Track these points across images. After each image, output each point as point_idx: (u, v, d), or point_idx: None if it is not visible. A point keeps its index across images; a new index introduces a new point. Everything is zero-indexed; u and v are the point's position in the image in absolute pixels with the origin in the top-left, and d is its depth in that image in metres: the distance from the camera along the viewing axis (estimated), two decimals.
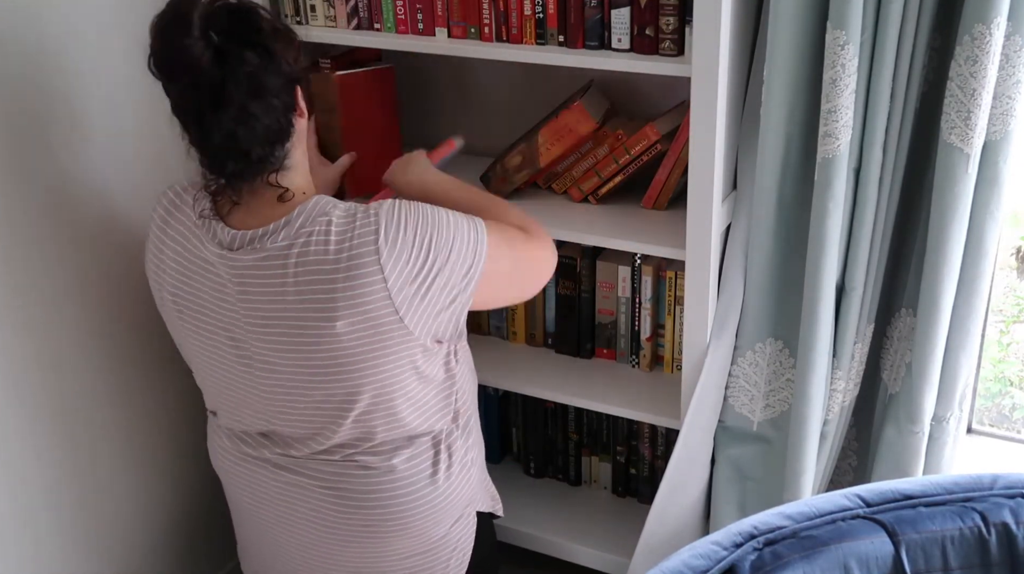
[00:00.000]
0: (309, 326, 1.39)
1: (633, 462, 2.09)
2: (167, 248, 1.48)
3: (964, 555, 1.27)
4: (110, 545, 1.83)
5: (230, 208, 1.44)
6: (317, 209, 1.39)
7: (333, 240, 1.36)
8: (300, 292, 1.38)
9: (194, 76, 1.31)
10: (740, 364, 1.78)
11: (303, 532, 1.58)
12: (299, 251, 1.37)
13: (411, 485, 1.51)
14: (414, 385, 1.46)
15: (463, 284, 1.43)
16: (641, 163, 1.79)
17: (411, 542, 1.55)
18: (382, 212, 1.38)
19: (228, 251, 1.41)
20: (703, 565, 1.22)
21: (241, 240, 1.40)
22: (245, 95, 1.32)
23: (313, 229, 1.37)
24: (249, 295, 1.41)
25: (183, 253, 1.46)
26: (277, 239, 1.38)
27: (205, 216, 1.44)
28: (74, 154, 1.63)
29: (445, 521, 1.57)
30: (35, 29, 1.53)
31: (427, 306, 1.40)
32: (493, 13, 1.68)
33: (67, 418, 1.69)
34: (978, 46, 1.41)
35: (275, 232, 1.39)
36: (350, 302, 1.36)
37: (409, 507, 1.52)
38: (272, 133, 1.37)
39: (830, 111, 1.50)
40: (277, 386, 1.46)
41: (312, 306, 1.38)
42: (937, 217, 1.53)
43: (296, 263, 1.37)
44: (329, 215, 1.38)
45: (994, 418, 2.27)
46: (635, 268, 1.89)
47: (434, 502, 1.54)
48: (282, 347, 1.42)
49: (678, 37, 1.58)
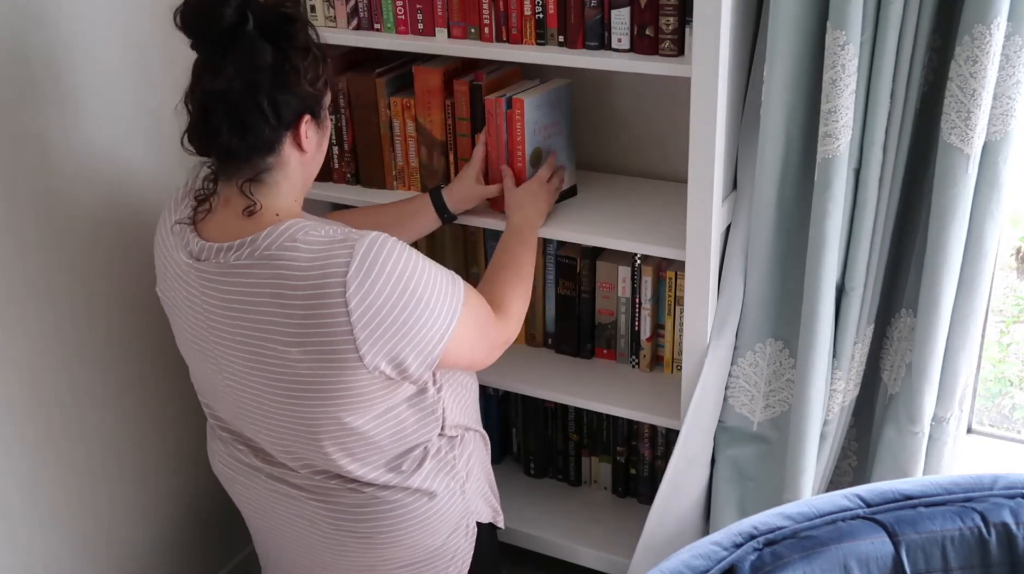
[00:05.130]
0: (268, 348, 1.36)
1: (633, 462, 2.09)
2: (160, 252, 1.49)
3: (964, 555, 1.27)
4: (109, 544, 1.83)
5: (205, 216, 1.42)
6: (287, 235, 1.33)
7: (302, 266, 1.31)
8: (259, 314, 1.35)
9: (209, 30, 1.30)
10: (740, 364, 1.78)
11: (298, 539, 1.57)
12: (260, 272, 1.33)
13: (400, 501, 1.50)
14: (376, 411, 1.42)
15: (429, 347, 1.38)
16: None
17: (407, 552, 1.54)
18: (360, 244, 1.32)
19: (196, 261, 1.39)
20: (703, 565, 1.22)
21: (208, 252, 1.38)
22: (239, 81, 1.31)
23: (279, 253, 1.32)
24: (212, 307, 1.39)
25: (166, 257, 1.46)
26: (241, 257, 1.35)
27: (181, 222, 1.43)
28: (72, 154, 1.63)
29: (441, 532, 1.56)
30: (37, 25, 1.54)
31: (385, 346, 1.34)
32: (493, 13, 1.68)
33: (66, 417, 1.69)
34: (978, 46, 1.41)
35: (239, 249, 1.35)
36: (309, 331, 1.32)
37: (401, 521, 1.51)
38: (251, 136, 1.34)
39: (830, 111, 1.50)
40: (250, 400, 1.44)
41: (271, 329, 1.35)
42: (937, 217, 1.53)
43: (257, 284, 1.34)
44: (297, 241, 1.33)
45: (994, 418, 2.27)
46: (635, 268, 1.89)
47: (427, 516, 1.52)
48: (243, 362, 1.40)
49: (678, 37, 1.58)
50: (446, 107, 1.81)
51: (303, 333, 1.33)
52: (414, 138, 1.86)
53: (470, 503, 1.61)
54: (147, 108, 1.73)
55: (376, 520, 1.50)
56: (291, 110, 1.36)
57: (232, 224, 1.39)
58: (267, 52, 1.31)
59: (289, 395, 1.39)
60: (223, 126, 1.33)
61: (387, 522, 1.50)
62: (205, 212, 1.42)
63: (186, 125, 1.37)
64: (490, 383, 1.98)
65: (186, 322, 1.46)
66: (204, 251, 1.38)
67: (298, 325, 1.33)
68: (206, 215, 1.42)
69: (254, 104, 1.32)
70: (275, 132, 1.36)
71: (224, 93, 1.32)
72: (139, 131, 1.73)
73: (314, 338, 1.33)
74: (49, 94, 1.57)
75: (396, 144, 1.88)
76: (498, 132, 1.75)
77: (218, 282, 1.37)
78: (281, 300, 1.33)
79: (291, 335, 1.34)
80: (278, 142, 1.37)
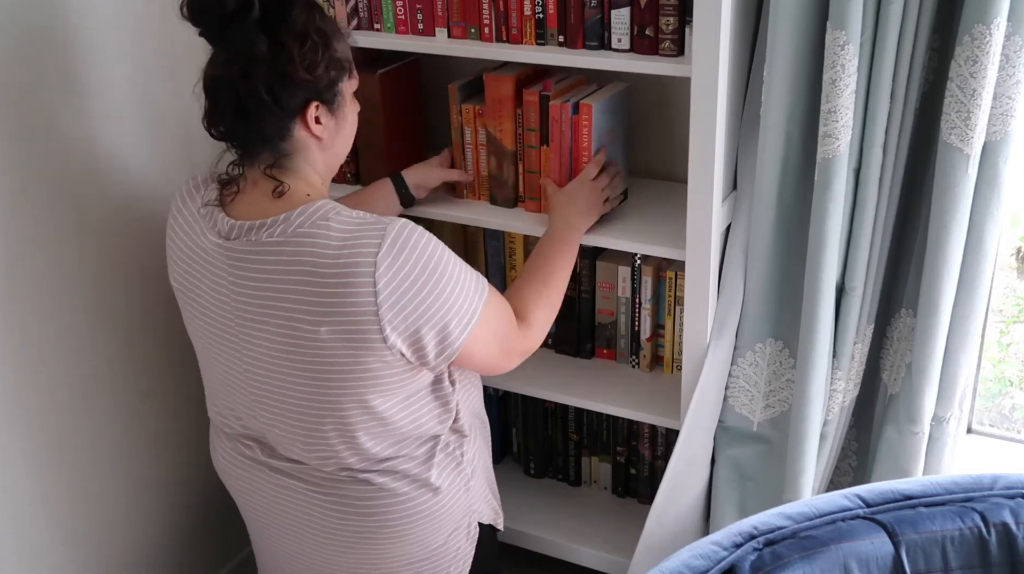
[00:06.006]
0: (295, 327, 1.38)
1: (633, 462, 2.09)
2: (177, 237, 1.49)
3: (964, 555, 1.27)
4: (110, 543, 1.83)
5: (233, 198, 1.43)
6: (320, 214, 1.36)
7: (334, 245, 1.34)
8: (290, 292, 1.36)
9: (213, 19, 1.32)
10: (740, 364, 1.78)
11: (301, 536, 1.58)
12: (294, 250, 1.36)
13: (408, 494, 1.50)
14: (400, 396, 1.44)
15: (452, 338, 1.40)
16: None
17: (409, 549, 1.55)
18: (392, 227, 1.35)
19: (225, 240, 1.40)
20: (703, 565, 1.22)
21: (239, 230, 1.39)
22: (236, 69, 1.33)
23: (312, 231, 1.35)
24: (241, 287, 1.40)
25: (188, 242, 1.47)
26: (273, 234, 1.37)
27: (209, 204, 1.44)
28: (83, 148, 1.63)
29: (444, 529, 1.56)
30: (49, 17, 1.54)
31: (408, 327, 1.36)
32: (493, 13, 1.68)
33: (66, 415, 1.70)
34: (978, 46, 1.41)
35: (271, 226, 1.37)
36: (336, 308, 1.34)
37: (406, 515, 1.51)
38: (254, 121, 1.36)
39: (830, 111, 1.50)
40: (272, 386, 1.45)
41: (299, 308, 1.36)
42: (937, 217, 1.53)
43: (289, 262, 1.36)
44: (330, 220, 1.35)
45: (994, 418, 2.27)
46: (635, 268, 1.89)
47: (432, 511, 1.53)
48: (270, 344, 1.41)
49: (678, 37, 1.58)
50: (516, 117, 1.77)
51: (330, 311, 1.34)
52: (485, 146, 1.82)
53: (473, 502, 1.62)
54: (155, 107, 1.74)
55: (382, 514, 1.50)
56: (293, 97, 1.37)
57: (262, 204, 1.40)
58: (262, 42, 1.32)
59: (315, 376, 1.40)
60: (227, 111, 1.36)
61: (393, 516, 1.51)
62: (233, 194, 1.43)
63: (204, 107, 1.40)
64: (490, 383, 1.98)
65: (207, 309, 1.46)
66: (235, 230, 1.39)
67: (327, 303, 1.34)
68: (234, 197, 1.43)
69: (253, 91, 1.34)
70: (280, 119, 1.37)
71: (224, 80, 1.34)
72: (145, 125, 1.73)
73: (340, 316, 1.34)
74: (59, 88, 1.57)
75: (467, 152, 1.84)
76: (562, 139, 1.71)
77: (249, 261, 1.39)
78: (312, 278, 1.34)
79: (319, 314, 1.35)
80: (287, 128, 1.39)
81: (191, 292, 1.48)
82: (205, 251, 1.43)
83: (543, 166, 1.77)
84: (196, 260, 1.45)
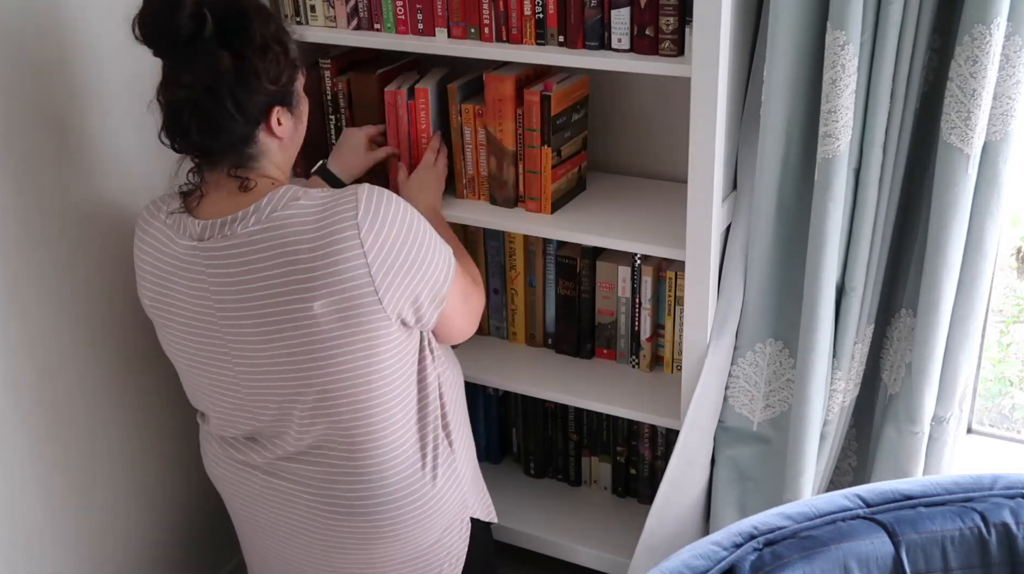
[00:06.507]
0: (285, 310, 1.38)
1: (633, 462, 2.09)
2: (144, 254, 1.49)
3: (964, 555, 1.27)
4: (106, 548, 1.83)
5: (198, 202, 1.44)
6: (289, 195, 1.39)
7: (311, 219, 1.36)
8: (275, 276, 1.37)
9: (168, 40, 1.33)
10: (740, 364, 1.78)
11: (294, 537, 1.57)
12: (272, 235, 1.37)
13: (398, 491, 1.50)
14: (389, 371, 1.44)
15: (439, 286, 1.45)
16: None
17: (402, 549, 1.55)
18: (362, 191, 1.38)
19: (199, 242, 1.41)
20: (703, 565, 1.22)
21: (211, 229, 1.40)
22: (199, 87, 1.34)
23: (285, 213, 1.37)
24: (221, 283, 1.41)
25: (158, 256, 1.47)
26: (248, 225, 1.38)
27: (175, 212, 1.45)
28: (76, 160, 1.63)
29: (436, 527, 1.56)
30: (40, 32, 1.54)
31: (401, 286, 1.40)
32: (493, 13, 1.68)
33: (64, 421, 1.69)
34: (978, 46, 1.41)
35: (244, 219, 1.38)
36: (327, 280, 1.36)
37: (397, 514, 1.51)
38: (223, 134, 1.38)
39: (830, 111, 1.50)
40: (264, 382, 1.45)
41: (288, 289, 1.37)
42: (937, 217, 1.53)
43: (269, 247, 1.37)
44: (300, 198, 1.38)
45: (994, 418, 2.27)
46: (635, 268, 1.89)
47: (423, 509, 1.53)
48: (258, 334, 1.42)
49: (678, 37, 1.58)
50: (517, 117, 1.77)
51: (320, 283, 1.36)
52: (484, 146, 1.82)
53: (466, 497, 1.62)
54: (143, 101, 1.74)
55: (373, 513, 1.50)
56: (257, 107, 1.39)
57: (230, 200, 1.42)
58: (225, 59, 1.33)
59: (311, 360, 1.41)
60: (192, 127, 1.37)
61: (383, 516, 1.51)
62: (197, 199, 1.44)
63: (160, 122, 1.40)
64: (490, 383, 1.98)
65: (188, 319, 1.46)
66: (207, 229, 1.40)
67: (317, 276, 1.35)
68: (199, 201, 1.44)
69: (220, 106, 1.35)
70: (245, 128, 1.39)
71: (187, 100, 1.35)
72: (145, 139, 1.73)
73: (333, 286, 1.36)
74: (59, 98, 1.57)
75: (467, 152, 1.84)
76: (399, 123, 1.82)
77: (226, 256, 1.39)
78: (296, 256, 1.36)
79: (310, 290, 1.36)
80: (251, 135, 1.41)
81: (167, 307, 1.49)
82: (178, 259, 1.44)
83: (543, 166, 1.77)
84: (168, 271, 1.46)
